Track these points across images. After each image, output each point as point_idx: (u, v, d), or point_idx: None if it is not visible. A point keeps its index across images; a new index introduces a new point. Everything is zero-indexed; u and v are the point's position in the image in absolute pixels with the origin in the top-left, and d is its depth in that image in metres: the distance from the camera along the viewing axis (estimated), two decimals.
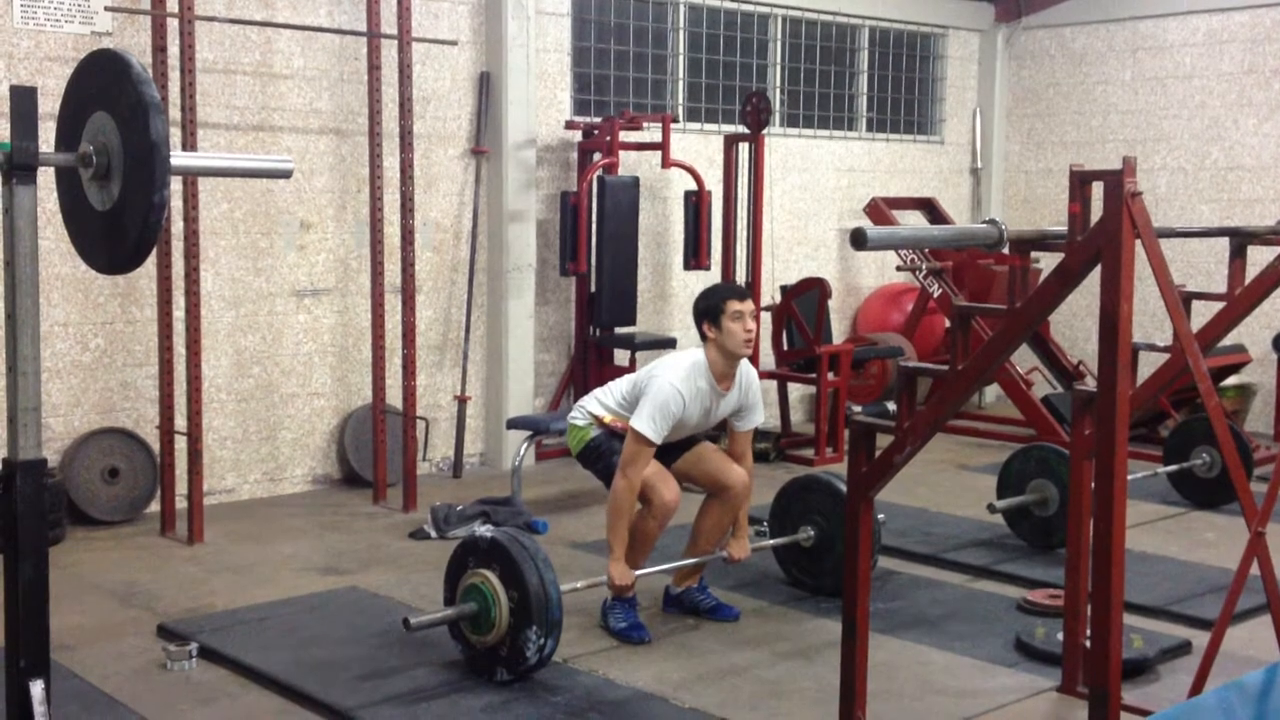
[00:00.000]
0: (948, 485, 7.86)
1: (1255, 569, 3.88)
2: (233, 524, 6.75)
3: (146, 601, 5.49)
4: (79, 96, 3.24)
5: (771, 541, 5.67)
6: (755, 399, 5.24)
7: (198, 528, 6.40)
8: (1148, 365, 5.90)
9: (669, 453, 5.23)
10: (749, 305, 5.03)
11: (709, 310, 5.03)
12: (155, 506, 6.73)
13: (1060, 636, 4.60)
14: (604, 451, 5.19)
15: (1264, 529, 3.84)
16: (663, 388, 4.93)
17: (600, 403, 5.28)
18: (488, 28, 8.08)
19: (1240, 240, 4.79)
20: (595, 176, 8.10)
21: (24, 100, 3.09)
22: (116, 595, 5.58)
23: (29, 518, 3.13)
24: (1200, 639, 4.80)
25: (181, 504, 6.55)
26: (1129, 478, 3.71)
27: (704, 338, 5.07)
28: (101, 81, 3.13)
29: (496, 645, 4.54)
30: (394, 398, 7.37)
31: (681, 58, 9.25)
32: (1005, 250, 3.79)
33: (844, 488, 5.18)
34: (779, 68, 9.83)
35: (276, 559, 6.18)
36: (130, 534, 6.58)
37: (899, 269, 9.57)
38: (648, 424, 4.89)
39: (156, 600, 5.51)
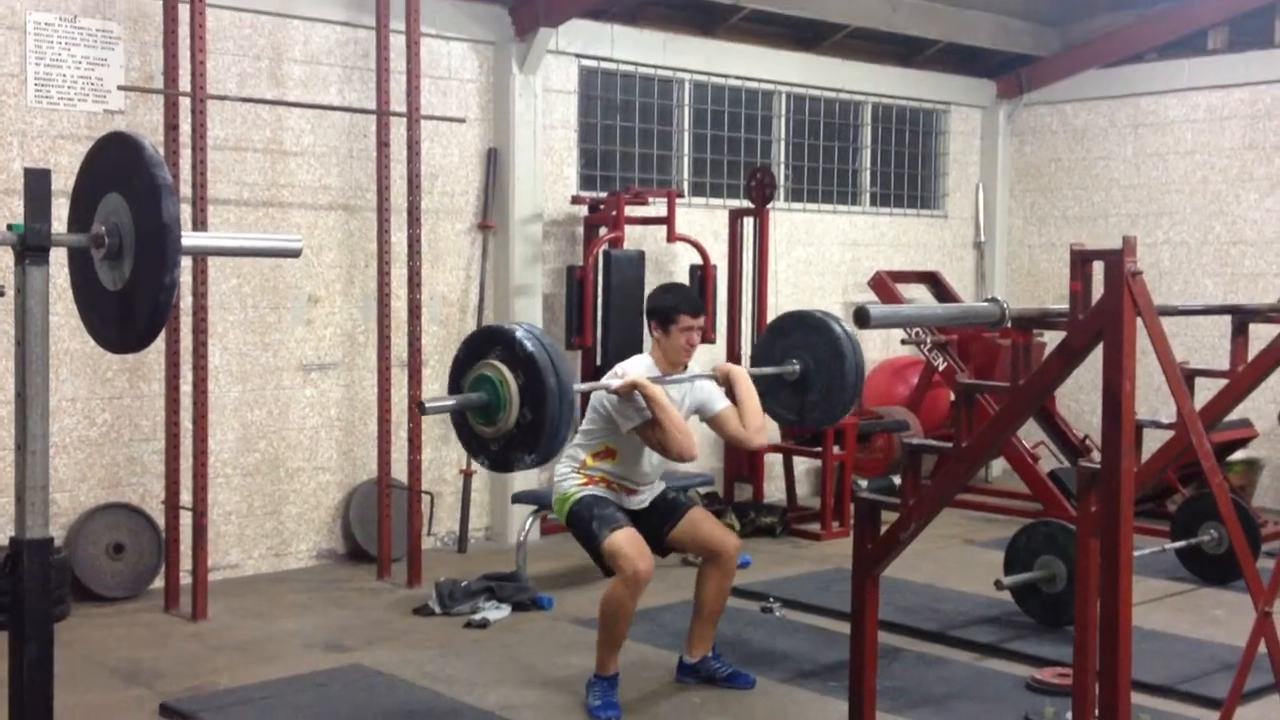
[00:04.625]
0: (955, 560, 7.83)
1: (1264, 647, 3.85)
2: (237, 600, 6.73)
3: (149, 679, 5.46)
4: (92, 178, 3.28)
5: (761, 370, 5.39)
6: (709, 392, 5.27)
7: (201, 604, 6.38)
8: (1155, 440, 5.89)
9: (665, 518, 5.25)
10: (700, 321, 5.24)
11: (663, 315, 5.22)
12: (159, 582, 6.71)
13: (1069, 716, 4.56)
14: (585, 517, 5.14)
15: (1270, 608, 3.82)
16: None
17: (571, 456, 5.27)
18: (495, 105, 8.18)
19: (1242, 318, 4.81)
20: (601, 250, 8.16)
21: (38, 182, 3.13)
22: (120, 673, 5.55)
23: (35, 597, 3.13)
24: (1209, 719, 4.76)
25: (186, 580, 6.53)
26: (1136, 554, 3.69)
27: (651, 334, 5.27)
28: (115, 163, 3.18)
29: (488, 440, 4.32)
30: (399, 472, 7.37)
31: (686, 134, 9.34)
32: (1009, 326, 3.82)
33: (808, 313, 5.31)
34: (783, 143, 9.92)
35: (280, 636, 6.15)
36: (134, 610, 6.56)
37: (904, 342, 9.60)
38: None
39: (159, 678, 5.48)
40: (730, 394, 5.22)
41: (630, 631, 5.19)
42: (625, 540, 4.99)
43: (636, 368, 5.12)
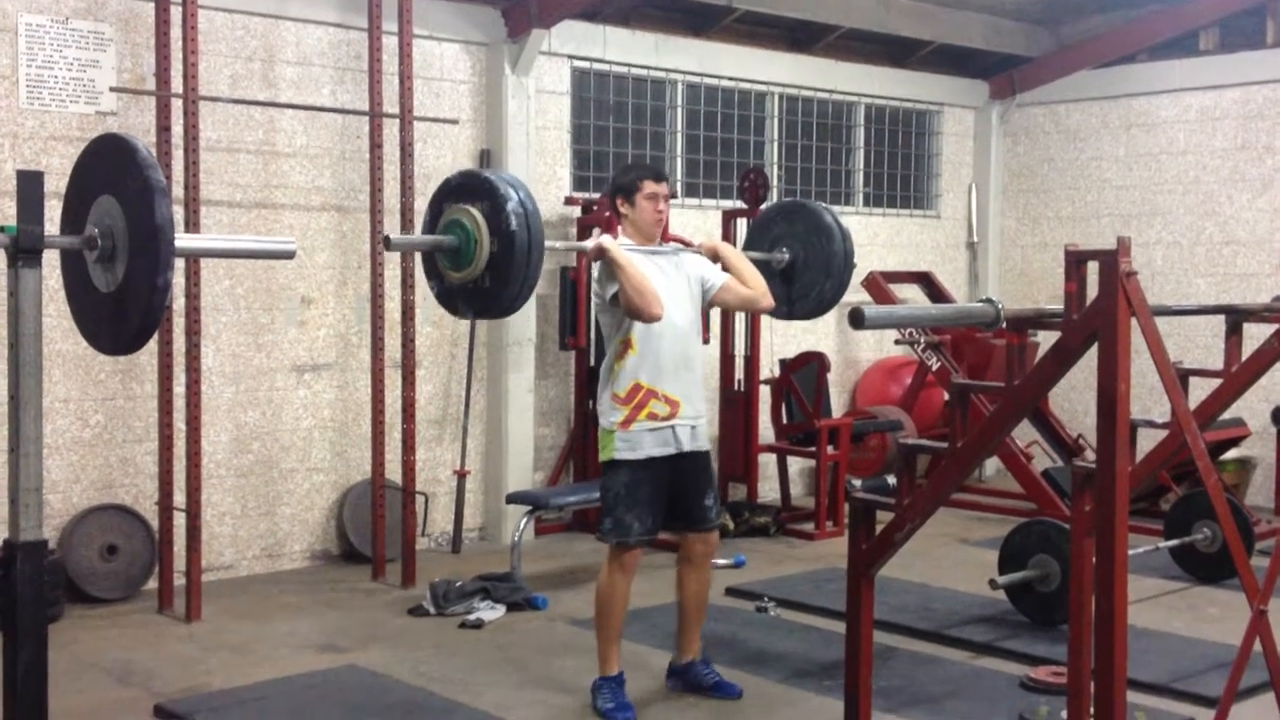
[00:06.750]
0: (949, 560, 7.83)
1: (1259, 645, 3.86)
2: (230, 601, 6.71)
3: (144, 681, 5.45)
4: (85, 180, 3.28)
5: (751, 254, 5.49)
6: (706, 265, 5.20)
7: (195, 605, 6.37)
8: (1148, 439, 5.90)
9: (687, 520, 5.20)
10: (664, 188, 5.13)
11: (625, 186, 5.12)
12: (153, 584, 6.70)
13: (1064, 715, 4.56)
14: (610, 501, 5.07)
15: (1265, 606, 3.83)
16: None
17: (606, 369, 5.15)
18: (488, 106, 8.18)
19: (1236, 318, 4.82)
20: None
21: (31, 185, 3.13)
22: (114, 674, 5.54)
23: (29, 600, 3.13)
24: (1205, 716, 4.77)
25: (179, 581, 6.51)
26: (1130, 553, 3.70)
27: (618, 213, 5.16)
28: (108, 165, 3.18)
29: (444, 277, 4.35)
30: (393, 473, 7.36)
31: (679, 134, 9.35)
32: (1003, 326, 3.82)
33: (820, 211, 5.39)
34: (776, 144, 9.92)
35: (274, 637, 6.14)
36: (128, 611, 6.54)
37: (897, 342, 9.60)
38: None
39: (153, 679, 5.47)
40: (725, 269, 5.21)
41: (625, 630, 5.19)
42: (626, 555, 5.04)
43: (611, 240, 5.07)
